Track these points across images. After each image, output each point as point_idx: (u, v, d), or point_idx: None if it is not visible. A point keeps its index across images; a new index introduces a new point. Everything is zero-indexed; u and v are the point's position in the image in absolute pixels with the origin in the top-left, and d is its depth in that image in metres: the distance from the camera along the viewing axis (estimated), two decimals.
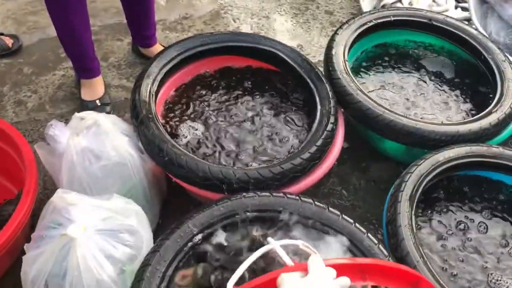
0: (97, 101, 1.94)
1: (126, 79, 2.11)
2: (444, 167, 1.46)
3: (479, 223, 1.48)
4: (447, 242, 1.43)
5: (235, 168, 1.45)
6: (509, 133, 1.64)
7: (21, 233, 1.38)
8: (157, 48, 2.13)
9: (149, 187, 1.51)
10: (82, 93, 1.97)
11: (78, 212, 1.20)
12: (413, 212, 1.36)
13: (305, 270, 0.78)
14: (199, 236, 1.27)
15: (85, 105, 1.92)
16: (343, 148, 1.67)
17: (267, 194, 1.36)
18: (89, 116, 1.40)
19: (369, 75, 1.91)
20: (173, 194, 1.67)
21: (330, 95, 1.64)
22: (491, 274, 1.37)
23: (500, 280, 1.35)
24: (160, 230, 1.50)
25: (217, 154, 1.59)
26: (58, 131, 1.38)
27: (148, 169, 1.50)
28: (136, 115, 1.51)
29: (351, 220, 1.32)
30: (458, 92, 1.85)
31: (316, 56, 2.29)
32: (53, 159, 1.43)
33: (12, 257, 1.47)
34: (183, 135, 1.63)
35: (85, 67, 1.91)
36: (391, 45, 2.00)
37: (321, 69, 1.78)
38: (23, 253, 1.22)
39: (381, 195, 1.67)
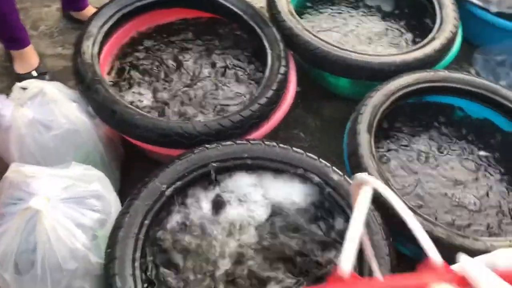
0: (33, 72, 1.83)
1: (61, 46, 1.99)
2: (396, 95, 1.50)
3: (435, 146, 1.56)
4: (408, 168, 1.50)
5: (194, 121, 1.42)
6: (452, 56, 1.70)
7: None
8: (90, 10, 2.01)
9: (106, 152, 1.46)
10: (16, 66, 1.84)
11: (38, 184, 1.14)
12: (372, 143, 1.40)
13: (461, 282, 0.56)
14: (168, 192, 1.25)
15: (21, 79, 1.79)
16: (295, 92, 1.67)
17: (230, 142, 1.35)
18: (32, 85, 1.32)
19: (313, 15, 1.91)
20: (131, 157, 1.62)
21: (279, 38, 1.62)
22: (454, 194, 1.44)
23: (464, 198, 1.43)
24: (122, 196, 1.46)
25: (169, 113, 1.54)
26: (1, 104, 1.29)
27: (102, 134, 1.44)
28: (82, 80, 1.44)
29: (315, 156, 1.35)
30: (399, 23, 1.89)
31: (257, 3, 2.25)
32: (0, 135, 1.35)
33: None
34: (131, 96, 1.57)
35: (12, 37, 1.78)
36: None
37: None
38: None
39: (336, 134, 1.71)
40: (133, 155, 1.61)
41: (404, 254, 1.29)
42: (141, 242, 1.17)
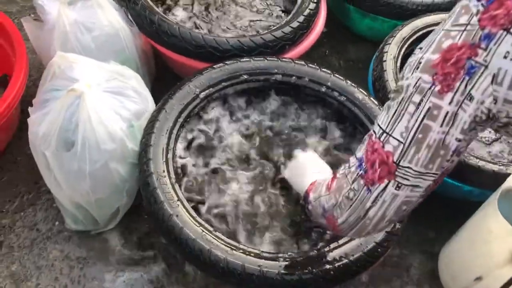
0: None
1: None
2: (422, 31, 1.56)
3: None
4: None
5: (229, 36, 1.48)
6: None
7: (15, 110, 1.38)
8: None
9: (141, 62, 1.53)
10: None
11: (82, 71, 1.21)
12: (397, 70, 1.45)
13: None
14: (202, 95, 1.32)
15: None
16: (322, 33, 1.72)
17: (261, 58, 1.41)
18: None
19: None
20: (161, 75, 1.68)
21: None
22: None
23: None
24: None
25: (205, 30, 1.61)
26: (48, 2, 1.36)
27: (139, 44, 1.50)
28: None
29: (342, 78, 1.41)
30: None
31: None
32: (43, 34, 1.41)
33: (8, 135, 1.47)
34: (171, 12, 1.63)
35: None
36: None
37: None
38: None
39: (360, 73, 1.77)
40: (163, 73, 1.67)
41: None
42: (174, 135, 1.25)
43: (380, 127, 0.69)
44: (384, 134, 0.68)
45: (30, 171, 1.45)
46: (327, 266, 1.06)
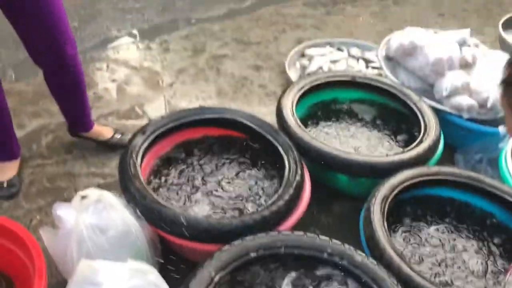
0: (5, 183, 2.04)
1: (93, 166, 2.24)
2: (399, 188, 1.75)
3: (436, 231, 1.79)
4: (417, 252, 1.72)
5: (232, 218, 1.63)
6: (438, 155, 2.01)
7: None
8: (97, 127, 2.27)
9: (150, 251, 1.63)
10: None
11: (105, 275, 1.30)
12: (385, 229, 1.61)
13: None
14: (216, 279, 1.42)
15: None
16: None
17: (263, 234, 1.55)
18: (92, 193, 1.53)
19: (315, 127, 2.25)
20: (167, 259, 1.77)
21: (291, 146, 1.89)
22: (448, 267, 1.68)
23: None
24: None
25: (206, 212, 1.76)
26: (64, 211, 1.49)
27: (147, 234, 1.62)
28: (127, 188, 1.66)
29: (339, 242, 1.55)
30: (387, 131, 2.24)
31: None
32: (57, 240, 1.52)
33: None
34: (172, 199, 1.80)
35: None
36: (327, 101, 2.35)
37: None
38: None
39: (348, 228, 1.92)
40: (170, 258, 1.76)
41: None
42: None
43: None
44: None
45: None
46: None
